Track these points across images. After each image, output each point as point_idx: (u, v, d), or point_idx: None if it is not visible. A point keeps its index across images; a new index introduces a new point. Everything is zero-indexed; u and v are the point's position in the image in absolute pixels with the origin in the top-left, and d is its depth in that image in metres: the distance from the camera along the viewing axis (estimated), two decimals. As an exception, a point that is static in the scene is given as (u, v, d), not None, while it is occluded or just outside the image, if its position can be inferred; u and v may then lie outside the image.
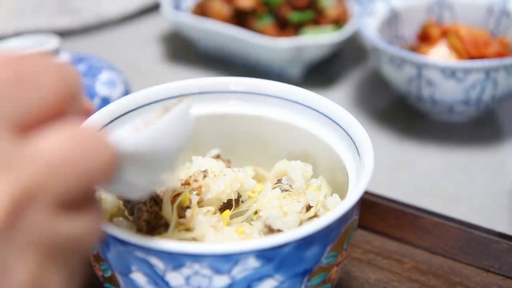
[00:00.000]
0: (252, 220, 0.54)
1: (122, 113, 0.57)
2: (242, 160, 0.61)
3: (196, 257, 0.44)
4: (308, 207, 0.53)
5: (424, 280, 0.62)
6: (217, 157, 0.59)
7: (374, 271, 0.63)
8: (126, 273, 0.47)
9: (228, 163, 0.59)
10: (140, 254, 0.45)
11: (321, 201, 0.53)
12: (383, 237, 0.66)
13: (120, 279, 0.48)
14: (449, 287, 0.61)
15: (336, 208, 0.47)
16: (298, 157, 0.58)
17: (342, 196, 0.53)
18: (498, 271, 0.62)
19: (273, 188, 0.55)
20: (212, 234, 0.49)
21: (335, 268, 0.50)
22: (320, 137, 0.57)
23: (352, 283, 0.61)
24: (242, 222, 0.53)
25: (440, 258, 0.64)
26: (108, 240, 0.46)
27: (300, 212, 0.52)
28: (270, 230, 0.50)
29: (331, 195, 0.54)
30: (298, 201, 0.53)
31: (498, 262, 0.62)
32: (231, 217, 0.54)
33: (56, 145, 0.33)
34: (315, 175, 0.57)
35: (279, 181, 0.56)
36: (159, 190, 0.52)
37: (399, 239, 0.66)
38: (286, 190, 0.54)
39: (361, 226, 0.66)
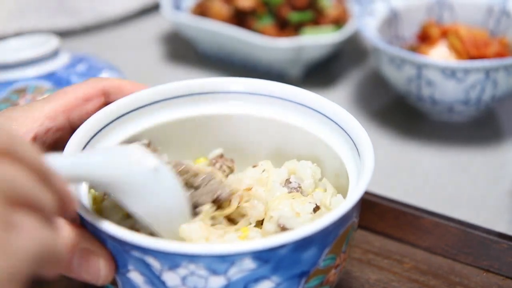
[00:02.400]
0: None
1: (123, 113, 0.56)
2: (246, 160, 0.61)
3: (192, 258, 0.44)
4: (316, 208, 0.53)
5: (424, 280, 0.62)
6: (221, 156, 0.59)
7: (374, 271, 0.63)
8: (123, 272, 0.47)
9: (232, 162, 0.59)
10: (136, 253, 0.45)
11: (325, 202, 0.53)
12: (383, 237, 0.66)
13: (117, 278, 0.48)
14: (449, 287, 0.61)
15: (334, 209, 0.47)
16: (300, 156, 0.58)
17: (344, 196, 0.53)
18: (498, 271, 0.62)
19: (283, 186, 0.54)
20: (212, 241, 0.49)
21: (333, 271, 0.50)
22: (320, 137, 0.57)
23: (352, 283, 0.61)
24: (250, 225, 0.53)
25: (440, 258, 0.64)
26: (105, 239, 0.46)
27: (311, 213, 0.52)
28: (284, 230, 0.50)
29: (336, 196, 0.54)
30: (309, 202, 0.52)
31: (498, 262, 0.62)
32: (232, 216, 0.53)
33: None
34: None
35: (287, 180, 0.55)
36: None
37: (399, 239, 0.66)
38: (295, 188, 0.54)
39: (361, 226, 0.66)
